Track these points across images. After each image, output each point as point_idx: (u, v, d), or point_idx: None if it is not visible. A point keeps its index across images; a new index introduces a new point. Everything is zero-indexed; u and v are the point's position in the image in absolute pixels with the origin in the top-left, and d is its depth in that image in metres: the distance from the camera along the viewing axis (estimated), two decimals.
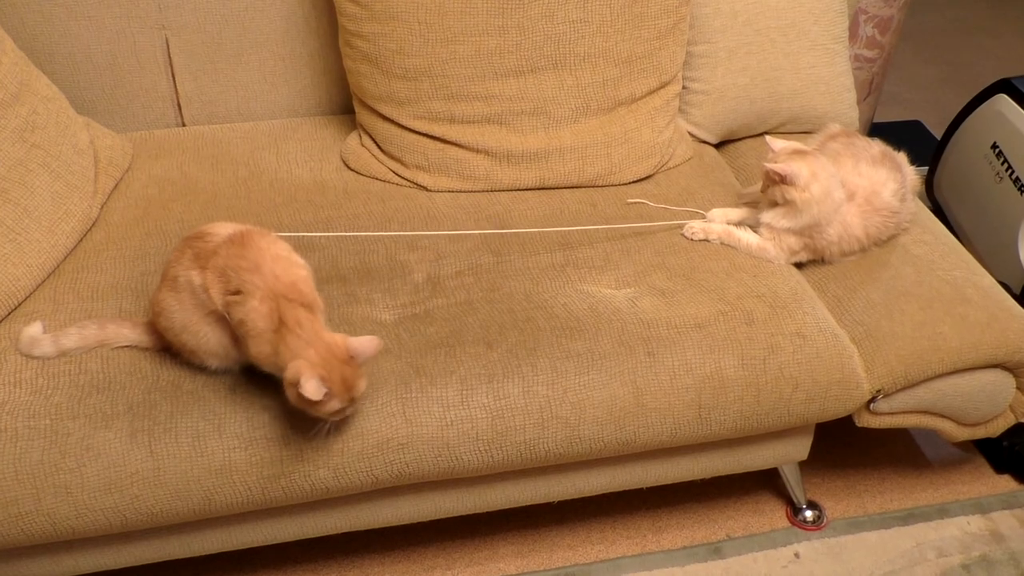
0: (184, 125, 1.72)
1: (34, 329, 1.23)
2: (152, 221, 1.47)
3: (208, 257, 1.11)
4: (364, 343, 1.07)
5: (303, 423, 1.18)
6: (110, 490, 1.14)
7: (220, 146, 1.66)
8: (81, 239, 1.43)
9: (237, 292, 1.08)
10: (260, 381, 1.20)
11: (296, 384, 1.03)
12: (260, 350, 1.08)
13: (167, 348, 1.22)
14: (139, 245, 1.42)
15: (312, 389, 1.02)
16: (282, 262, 1.11)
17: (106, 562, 1.28)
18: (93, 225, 1.46)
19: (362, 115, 1.64)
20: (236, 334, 1.11)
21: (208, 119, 1.72)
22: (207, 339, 1.15)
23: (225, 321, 1.12)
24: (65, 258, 1.39)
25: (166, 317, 1.16)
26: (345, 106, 1.76)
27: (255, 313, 1.06)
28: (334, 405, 1.07)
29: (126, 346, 1.23)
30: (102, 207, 1.50)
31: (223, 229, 1.15)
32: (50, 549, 1.23)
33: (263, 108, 1.73)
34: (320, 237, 1.46)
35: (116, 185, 1.55)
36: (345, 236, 1.46)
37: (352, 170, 1.63)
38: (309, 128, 1.72)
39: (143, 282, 1.35)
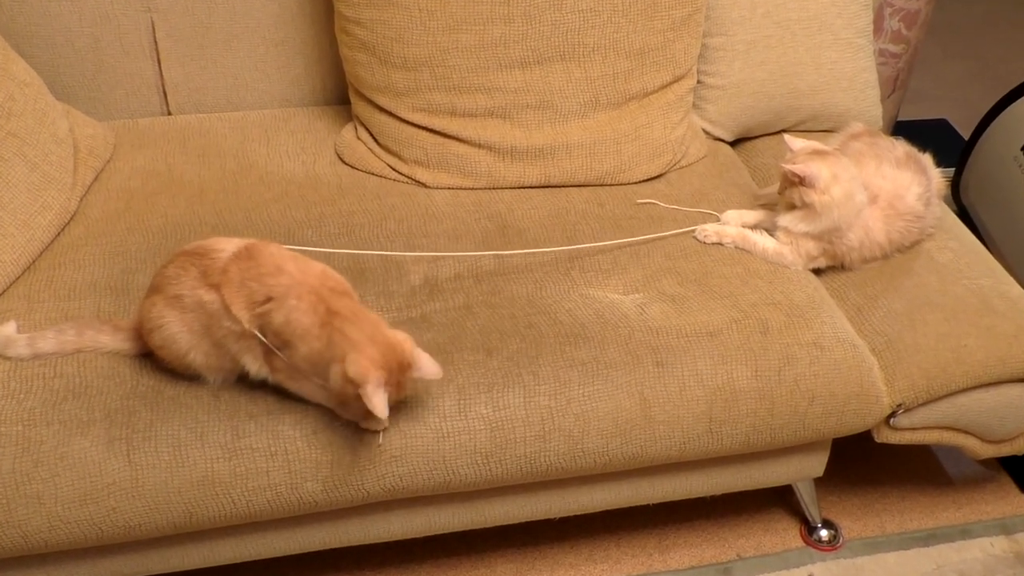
0: (170, 114, 1.71)
1: (8, 328, 1.22)
2: (134, 215, 1.46)
3: (219, 274, 1.10)
4: (430, 366, 1.07)
5: (290, 432, 1.17)
6: (85, 501, 1.13)
7: (207, 137, 1.65)
8: (58, 234, 1.42)
9: (268, 300, 1.06)
10: (244, 388, 1.19)
11: (355, 383, 1.01)
12: (310, 348, 1.06)
13: (148, 354, 1.21)
14: (120, 241, 1.41)
15: (380, 405, 1.00)
16: (301, 259, 1.11)
17: None
18: (71, 219, 1.45)
19: (358, 106, 1.63)
20: (275, 344, 1.09)
21: (195, 108, 1.71)
22: (215, 358, 1.14)
23: (244, 338, 1.10)
24: (41, 254, 1.38)
25: (166, 336, 1.14)
26: (341, 96, 1.75)
27: (297, 311, 1.05)
28: (384, 410, 1.03)
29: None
30: (81, 200, 1.49)
31: (227, 244, 1.14)
32: (21, 563, 1.22)
33: (254, 97, 1.72)
34: (311, 232, 1.45)
35: (97, 177, 1.54)
36: (340, 233, 1.45)
37: (347, 164, 1.62)
38: (302, 119, 1.71)
39: (123, 280, 1.34)
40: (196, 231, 1.44)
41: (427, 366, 1.07)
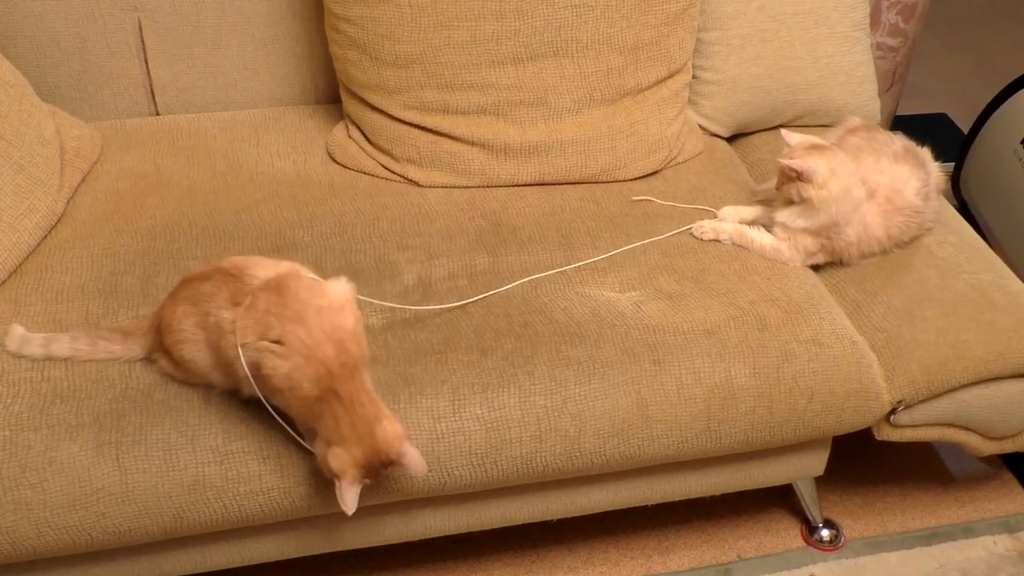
0: (158, 114, 1.71)
1: (19, 328, 1.22)
2: (122, 218, 1.46)
3: (245, 298, 1.10)
4: (415, 464, 1.08)
5: (282, 436, 1.17)
6: (74, 507, 1.13)
7: (196, 137, 1.65)
8: (45, 236, 1.42)
9: (278, 342, 1.07)
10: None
11: (333, 473, 1.05)
12: (300, 408, 1.08)
13: (155, 359, 1.21)
14: (108, 243, 1.41)
15: (349, 502, 1.05)
16: (326, 314, 1.09)
17: None
18: (58, 221, 1.45)
19: (349, 105, 1.63)
20: (264, 384, 1.09)
21: (184, 108, 1.71)
22: (230, 376, 1.14)
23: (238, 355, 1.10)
24: (28, 257, 1.38)
25: (190, 351, 1.15)
26: (331, 95, 1.75)
27: (300, 373, 1.06)
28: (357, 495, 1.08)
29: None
30: (68, 202, 1.49)
31: (262, 271, 1.13)
32: (9, 570, 1.22)
33: (243, 96, 1.72)
34: (303, 233, 1.45)
35: (84, 178, 1.54)
36: (332, 233, 1.45)
37: (338, 163, 1.62)
38: (292, 118, 1.71)
39: (112, 282, 1.34)
40: (185, 233, 1.44)
41: (413, 464, 1.08)
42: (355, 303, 1.14)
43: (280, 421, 1.14)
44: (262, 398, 1.13)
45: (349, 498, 1.05)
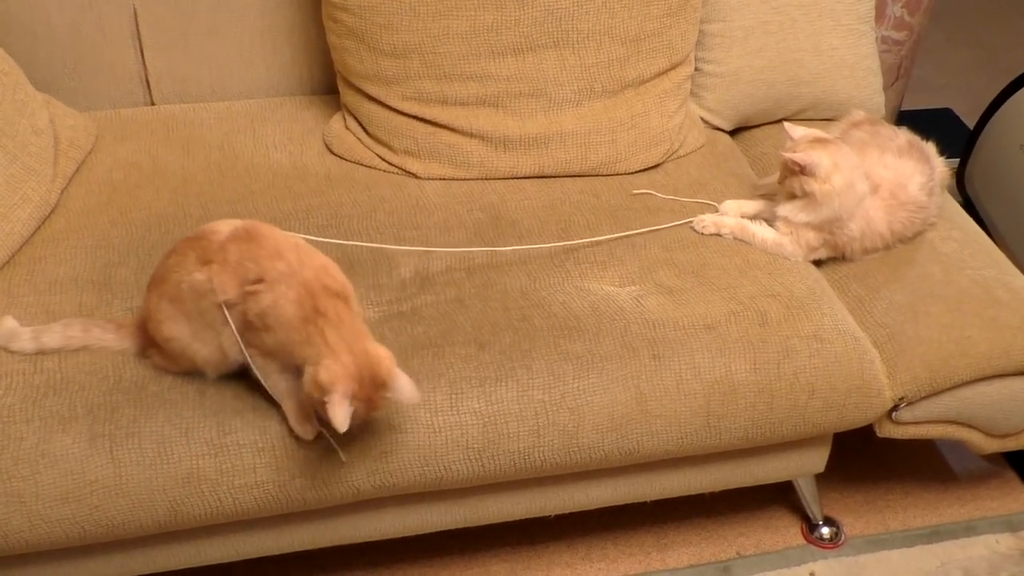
0: (153, 104, 1.71)
1: (9, 322, 1.22)
2: (117, 208, 1.46)
3: (215, 252, 1.10)
4: (408, 389, 1.06)
5: (278, 428, 1.17)
6: (67, 500, 1.13)
7: (192, 127, 1.65)
8: (39, 227, 1.42)
9: (259, 281, 1.07)
10: (231, 383, 1.19)
11: (323, 390, 1.02)
12: (288, 339, 1.06)
13: (143, 352, 1.21)
14: (102, 234, 1.41)
15: (340, 417, 1.00)
16: (304, 249, 1.11)
17: None
18: (52, 212, 1.45)
19: (347, 95, 1.63)
20: (253, 328, 1.09)
21: (179, 98, 1.71)
22: (215, 346, 1.14)
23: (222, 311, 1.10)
24: (21, 247, 1.38)
25: (170, 328, 1.15)
26: (328, 85, 1.75)
27: (284, 299, 1.05)
28: (346, 418, 1.03)
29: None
30: (62, 192, 1.49)
31: (224, 226, 1.14)
32: (2, 564, 1.22)
33: (239, 87, 1.72)
34: (299, 224, 1.45)
35: (78, 169, 1.54)
36: (328, 225, 1.45)
37: (335, 155, 1.62)
38: (289, 109, 1.71)
39: (106, 274, 1.34)
40: (180, 224, 1.44)
41: (404, 388, 1.06)
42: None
43: (265, 386, 1.14)
44: (248, 359, 1.12)
45: (341, 412, 1.00)
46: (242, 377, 1.19)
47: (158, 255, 1.37)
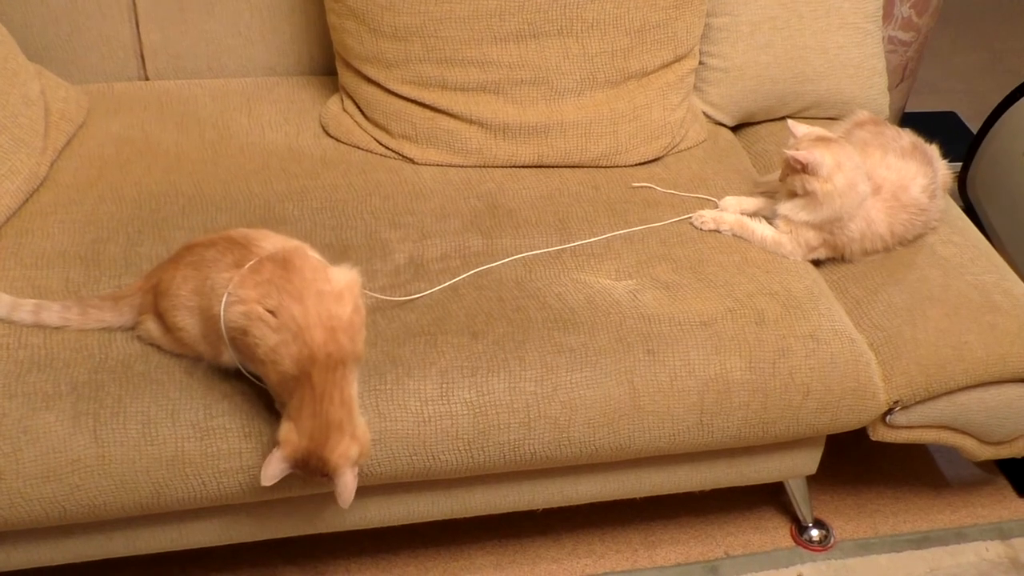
0: (147, 79, 1.70)
1: (4, 296, 1.22)
2: (107, 184, 1.45)
3: (248, 262, 1.11)
4: (344, 491, 1.08)
5: (265, 413, 1.17)
6: (48, 478, 1.12)
7: (186, 104, 1.64)
8: (26, 200, 1.41)
9: (272, 312, 1.07)
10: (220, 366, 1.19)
11: (275, 440, 1.07)
12: (274, 378, 1.08)
13: (140, 321, 1.20)
14: (91, 210, 1.40)
15: (269, 474, 1.06)
16: (325, 300, 1.09)
17: (42, 558, 1.27)
18: (41, 185, 1.44)
19: (345, 77, 1.62)
20: (246, 348, 1.09)
21: (174, 73, 1.70)
22: (218, 351, 1.14)
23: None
24: (8, 220, 1.37)
25: (184, 318, 1.14)
26: (327, 66, 1.74)
27: (285, 349, 1.06)
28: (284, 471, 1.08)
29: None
30: (52, 165, 1.48)
31: (269, 243, 1.14)
32: None
33: (236, 64, 1.71)
34: (292, 206, 1.44)
35: (68, 142, 1.53)
36: (322, 208, 1.45)
37: (332, 137, 1.61)
38: (286, 89, 1.70)
39: (94, 250, 1.33)
40: (172, 202, 1.43)
41: (341, 490, 1.08)
42: (358, 292, 1.13)
43: (259, 383, 1.14)
44: (239, 366, 1.12)
45: (272, 470, 1.06)
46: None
47: (148, 233, 1.37)
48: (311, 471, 1.07)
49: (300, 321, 1.06)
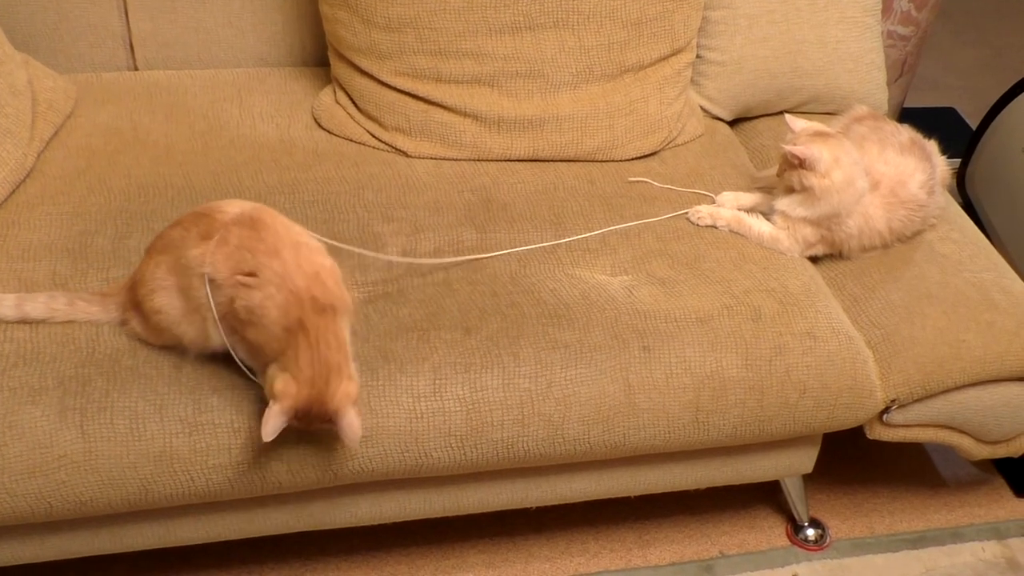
0: (136, 69, 1.69)
1: None
2: (95, 175, 1.45)
3: (215, 232, 1.10)
4: (349, 431, 1.06)
5: (255, 408, 1.16)
6: (34, 474, 1.12)
7: (176, 94, 1.63)
8: (13, 191, 1.40)
9: (252, 274, 1.07)
10: (208, 360, 1.18)
11: (271, 395, 1.05)
12: (261, 339, 1.07)
13: (127, 320, 1.20)
14: (79, 201, 1.39)
15: (269, 429, 1.04)
16: (303, 250, 1.10)
17: (27, 555, 1.26)
18: (27, 176, 1.43)
19: (338, 68, 1.61)
20: (236, 318, 1.09)
21: (164, 63, 1.69)
22: (201, 328, 1.13)
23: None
24: None
25: (162, 300, 1.14)
26: (319, 57, 1.73)
27: (271, 301, 1.06)
28: (283, 425, 1.06)
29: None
30: (38, 156, 1.47)
31: (232, 207, 1.14)
32: None
33: (227, 55, 1.70)
34: (284, 199, 1.44)
35: (56, 132, 1.52)
36: (314, 201, 1.44)
37: (324, 129, 1.61)
38: (278, 80, 1.70)
39: (81, 242, 1.32)
40: (161, 194, 1.42)
41: (347, 429, 1.07)
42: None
43: (247, 373, 1.14)
44: (229, 348, 1.12)
45: (272, 424, 1.04)
46: (219, 355, 1.18)
47: (136, 225, 1.36)
48: (312, 419, 1.06)
49: (280, 272, 1.06)
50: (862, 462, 1.74)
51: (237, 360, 1.14)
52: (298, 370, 1.05)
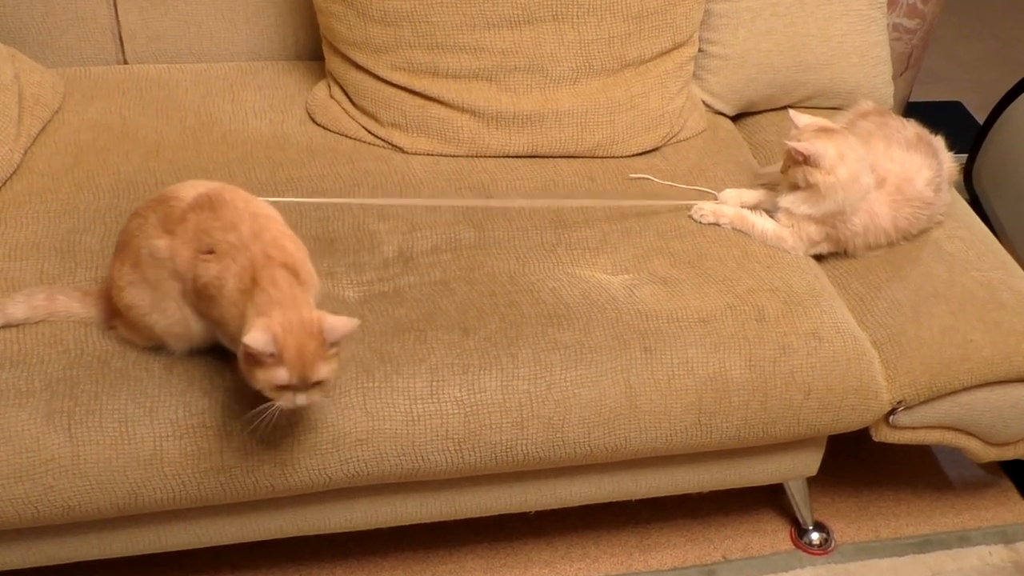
0: (126, 63, 1.69)
1: None
2: (83, 171, 1.44)
3: (176, 223, 1.11)
4: (340, 322, 1.04)
5: (247, 409, 1.16)
6: (21, 478, 1.11)
7: (166, 89, 1.62)
8: None
9: (210, 252, 1.08)
10: (200, 361, 1.18)
11: (250, 326, 1.01)
12: (225, 312, 1.07)
13: (114, 325, 1.20)
14: (67, 199, 1.39)
15: (256, 340, 0.98)
16: (262, 219, 1.12)
17: (13, 560, 1.26)
18: (14, 173, 1.43)
19: (333, 62, 1.61)
20: (200, 298, 1.09)
21: (154, 57, 1.69)
22: (176, 318, 1.13)
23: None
24: None
25: (131, 295, 1.14)
26: (314, 51, 1.73)
27: (227, 272, 1.06)
28: (281, 376, 1.01)
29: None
30: (26, 152, 1.46)
31: (188, 191, 1.14)
32: None
33: (219, 48, 1.70)
34: (277, 196, 1.43)
35: (43, 128, 1.52)
36: (308, 200, 1.43)
37: (318, 125, 1.60)
38: (271, 74, 1.69)
39: (70, 240, 1.32)
40: (151, 191, 1.41)
41: (338, 324, 1.03)
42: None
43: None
44: (213, 332, 1.12)
45: (254, 336, 0.98)
46: (211, 355, 1.18)
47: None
48: (299, 339, 1.01)
49: (237, 242, 1.08)
50: (867, 464, 1.74)
51: (224, 344, 1.13)
52: (258, 311, 1.02)
